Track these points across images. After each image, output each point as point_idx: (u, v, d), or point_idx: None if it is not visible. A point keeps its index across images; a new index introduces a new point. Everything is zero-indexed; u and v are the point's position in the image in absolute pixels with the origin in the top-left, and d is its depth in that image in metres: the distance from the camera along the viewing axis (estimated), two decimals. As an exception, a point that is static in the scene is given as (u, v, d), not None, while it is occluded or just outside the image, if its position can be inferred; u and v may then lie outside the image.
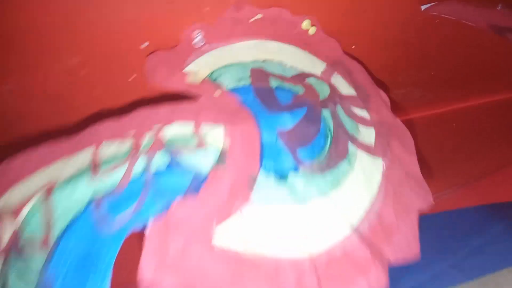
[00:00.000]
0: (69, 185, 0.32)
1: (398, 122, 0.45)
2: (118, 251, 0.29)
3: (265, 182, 0.34)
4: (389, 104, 0.46)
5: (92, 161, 0.34)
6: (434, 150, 0.62)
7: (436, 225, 0.61)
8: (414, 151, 0.42)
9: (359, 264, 0.33)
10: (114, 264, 0.28)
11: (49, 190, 0.32)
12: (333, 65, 0.47)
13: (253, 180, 0.34)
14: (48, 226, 0.30)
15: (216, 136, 0.36)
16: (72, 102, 0.43)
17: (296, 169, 0.36)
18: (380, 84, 0.49)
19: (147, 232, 0.29)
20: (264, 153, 0.36)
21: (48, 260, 0.29)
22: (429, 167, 0.59)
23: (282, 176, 0.35)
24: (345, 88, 0.45)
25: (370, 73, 0.49)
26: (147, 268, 0.28)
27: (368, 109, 0.44)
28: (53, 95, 0.43)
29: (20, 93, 0.43)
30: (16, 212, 0.31)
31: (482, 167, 0.65)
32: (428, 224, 0.60)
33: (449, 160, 0.65)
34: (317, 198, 0.35)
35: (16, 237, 0.30)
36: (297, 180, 0.35)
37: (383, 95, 0.47)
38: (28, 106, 0.44)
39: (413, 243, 0.36)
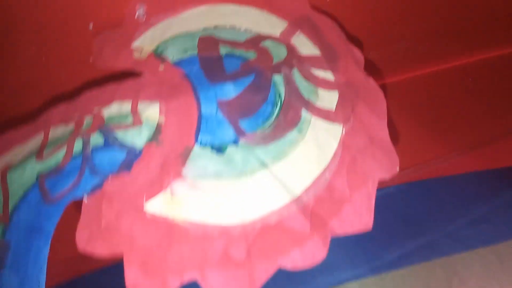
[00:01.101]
0: (20, 167, 0.45)
1: (370, 83, 0.50)
2: (58, 220, 0.41)
3: (200, 156, 0.44)
4: (362, 63, 0.51)
5: (40, 145, 0.47)
6: (432, 111, 0.65)
7: (435, 191, 0.64)
8: (384, 114, 0.48)
9: (295, 235, 0.40)
10: (58, 233, 0.41)
11: (3, 173, 0.45)
12: (296, 23, 0.53)
13: (186, 155, 0.43)
14: (5, 202, 0.44)
15: (152, 113, 0.46)
16: (33, 91, 0.57)
17: (236, 141, 0.45)
18: (357, 42, 0.54)
19: (83, 205, 0.41)
20: (202, 127, 0.45)
21: (5, 230, 0.42)
22: (428, 129, 0.62)
23: (219, 149, 0.44)
24: (308, 49, 0.52)
25: (345, 30, 0.54)
26: (81, 237, 0.40)
27: (333, 70, 0.51)
28: (14, 86, 0.57)
29: None
30: None
31: (490, 130, 0.66)
32: (425, 190, 0.64)
33: (452, 122, 0.67)
34: (256, 170, 0.43)
35: None
36: (235, 152, 0.44)
37: (357, 54, 0.52)
38: None
39: (366, 214, 0.42)
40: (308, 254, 0.39)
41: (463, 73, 0.64)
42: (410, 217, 0.66)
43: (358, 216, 0.41)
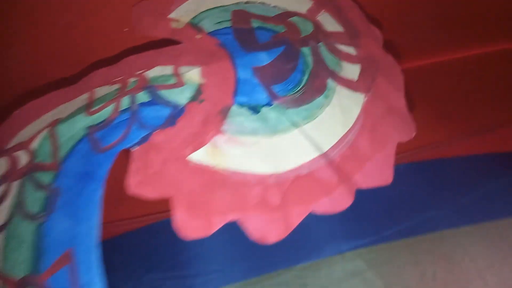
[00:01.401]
0: (69, 120, 0.53)
1: (388, 59, 0.59)
2: (109, 167, 0.48)
3: (237, 115, 0.52)
4: (381, 41, 0.60)
5: (87, 102, 0.54)
6: (442, 97, 0.75)
7: (442, 170, 0.74)
8: (401, 87, 0.57)
9: (324, 185, 0.49)
10: (108, 179, 0.48)
11: (53, 125, 0.53)
12: (321, 3, 0.62)
13: (225, 112, 0.52)
14: (55, 152, 0.51)
15: (193, 75, 0.54)
16: (71, 56, 0.64)
17: (269, 103, 0.53)
18: (376, 24, 0.63)
19: (132, 154, 0.49)
20: (238, 89, 0.53)
21: (55, 177, 0.50)
22: (437, 114, 0.72)
23: (254, 109, 0.53)
24: (332, 26, 0.61)
25: (365, 12, 0.63)
26: (131, 182, 0.48)
27: (355, 46, 0.59)
28: (53, 52, 0.64)
29: (23, 54, 0.65)
30: (28, 143, 0.53)
31: (499, 116, 0.76)
32: (432, 169, 0.74)
33: (460, 109, 0.77)
34: (288, 129, 0.52)
35: (30, 162, 0.52)
36: (269, 112, 0.52)
37: (376, 33, 0.61)
38: (32, 64, 0.66)
39: (387, 171, 0.51)
40: (335, 202, 0.47)
41: (477, 63, 0.74)
42: (417, 193, 0.75)
43: (379, 172, 0.50)
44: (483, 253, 0.68)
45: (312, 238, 0.69)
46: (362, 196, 0.61)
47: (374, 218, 0.70)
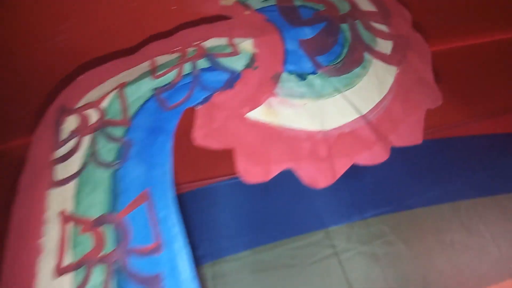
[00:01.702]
0: (136, 83, 0.64)
1: (417, 37, 0.71)
2: (177, 122, 0.59)
3: (287, 81, 0.63)
4: (410, 21, 0.72)
5: (150, 68, 0.65)
6: (466, 78, 0.87)
7: (463, 147, 0.86)
8: (429, 61, 0.68)
9: (364, 141, 0.60)
10: (176, 133, 0.59)
11: (121, 87, 0.64)
12: None
13: (277, 78, 0.63)
14: (124, 110, 0.62)
15: (246, 45, 0.65)
16: (126, 31, 0.75)
17: (314, 72, 0.65)
18: (406, 5, 0.75)
19: (197, 112, 0.60)
20: (287, 59, 0.65)
21: (126, 132, 0.61)
22: (461, 94, 0.84)
23: (302, 76, 0.64)
24: (366, 6, 0.73)
25: None
26: (198, 135, 0.59)
27: (387, 25, 0.71)
28: (110, 26, 0.75)
29: (85, 28, 0.75)
30: (98, 103, 0.64)
31: None
32: (455, 145, 0.85)
33: (483, 89, 0.89)
34: (332, 94, 0.63)
35: (101, 119, 0.62)
36: (315, 79, 0.64)
37: (406, 13, 0.73)
38: (88, 40, 0.77)
39: (417, 132, 0.62)
40: (374, 156, 0.58)
41: (497, 48, 0.86)
42: (437, 167, 0.87)
43: (411, 133, 0.61)
44: (497, 221, 0.79)
45: (340, 204, 0.81)
46: (387, 168, 0.73)
47: (397, 188, 0.82)
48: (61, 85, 0.67)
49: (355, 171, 0.70)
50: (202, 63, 0.61)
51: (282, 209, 0.79)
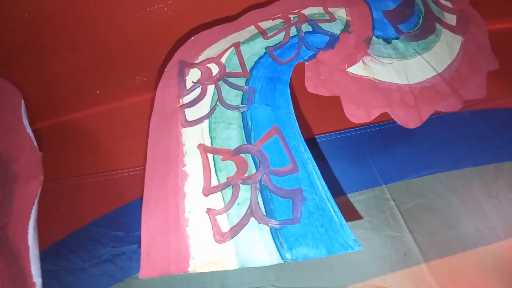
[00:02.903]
0: (249, 43, 0.78)
1: (474, 12, 0.87)
2: (290, 74, 0.74)
3: (376, 43, 0.79)
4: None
5: (258, 31, 0.79)
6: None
7: (503, 118, 1.02)
8: (486, 32, 0.85)
9: (442, 93, 0.76)
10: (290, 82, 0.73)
11: (236, 46, 0.78)
12: None
13: (369, 41, 0.78)
14: (243, 64, 0.76)
15: (341, 13, 0.80)
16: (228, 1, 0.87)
17: (397, 37, 0.80)
18: None
19: (306, 66, 0.75)
20: (374, 25, 0.80)
21: (247, 81, 0.75)
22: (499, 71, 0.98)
23: (387, 40, 0.79)
24: None
25: None
26: (309, 84, 0.74)
27: (451, 1, 0.87)
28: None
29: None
30: (218, 58, 0.77)
31: None
32: (495, 116, 1.01)
33: None
34: (413, 55, 0.79)
35: (221, 72, 0.76)
36: (398, 43, 0.79)
37: None
38: (195, 8, 0.90)
39: (482, 88, 0.78)
40: (450, 105, 0.74)
41: None
42: (482, 134, 1.02)
43: (477, 89, 0.77)
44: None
45: (399, 164, 0.96)
46: (439, 133, 0.89)
47: (448, 150, 0.97)
48: (176, 45, 0.79)
49: (412, 136, 0.87)
50: (305, 27, 0.75)
51: (349, 168, 0.94)
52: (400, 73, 0.72)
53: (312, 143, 0.88)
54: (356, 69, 0.72)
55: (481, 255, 0.82)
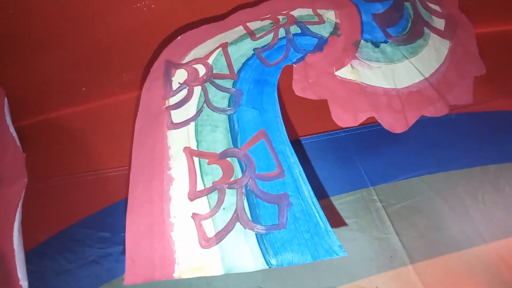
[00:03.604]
0: (237, 44, 0.77)
1: (463, 17, 0.88)
2: (278, 76, 0.73)
3: (364, 47, 0.79)
4: (457, 3, 0.89)
5: (247, 32, 0.79)
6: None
7: (488, 121, 1.02)
8: (474, 37, 0.85)
9: (429, 98, 0.76)
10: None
11: (224, 46, 0.77)
12: None
13: (357, 44, 0.78)
14: (230, 65, 0.76)
15: (330, 16, 0.80)
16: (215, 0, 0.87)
17: (386, 40, 0.80)
18: None
19: (294, 68, 0.74)
20: (363, 29, 0.80)
21: (234, 83, 0.75)
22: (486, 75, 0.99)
23: (375, 44, 0.80)
24: None
25: None
26: (297, 88, 0.74)
27: (440, 5, 0.88)
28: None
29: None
30: (205, 59, 0.77)
31: None
32: (481, 119, 1.02)
33: (506, 72, 1.05)
34: (401, 59, 0.79)
35: (208, 73, 0.76)
36: (386, 47, 0.80)
37: None
38: (182, 7, 0.89)
39: (469, 94, 0.79)
40: (437, 110, 0.75)
41: None
42: (468, 137, 1.03)
43: (464, 95, 0.78)
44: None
45: (387, 166, 0.97)
46: (425, 136, 0.90)
47: (434, 153, 0.98)
48: (162, 43, 0.79)
49: (399, 138, 0.87)
50: (294, 29, 0.75)
51: (336, 169, 0.94)
52: (387, 77, 0.73)
53: (297, 145, 0.88)
54: (344, 73, 0.72)
55: (467, 257, 0.83)
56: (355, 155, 0.90)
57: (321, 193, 0.91)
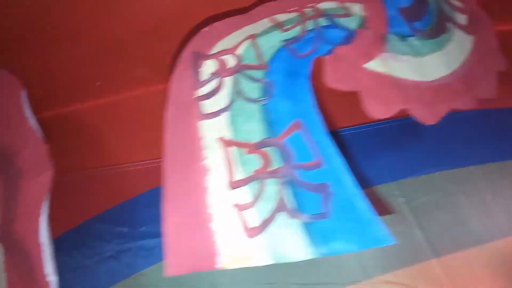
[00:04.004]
0: (265, 35, 0.77)
1: (482, 12, 0.89)
2: (309, 68, 0.73)
3: (392, 40, 0.79)
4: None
5: (274, 24, 0.79)
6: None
7: (507, 117, 1.05)
8: (494, 33, 0.87)
9: (457, 91, 0.77)
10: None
11: (253, 38, 0.77)
12: None
13: (384, 37, 0.79)
14: (260, 56, 0.75)
15: (357, 9, 0.80)
16: None
17: (412, 34, 0.81)
18: None
19: (325, 60, 0.74)
20: (390, 22, 0.81)
21: (265, 74, 0.74)
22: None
23: (403, 37, 0.80)
24: None
25: None
26: (330, 79, 0.73)
27: (461, 1, 0.89)
28: None
29: None
30: (233, 50, 0.76)
31: None
32: (498, 116, 1.04)
33: None
34: (428, 53, 0.80)
35: (238, 64, 0.75)
36: (413, 40, 0.80)
37: None
38: None
39: (492, 89, 0.80)
40: (465, 103, 0.76)
41: None
42: (487, 132, 1.05)
43: (488, 88, 0.79)
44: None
45: (411, 159, 0.97)
46: (446, 131, 0.90)
47: (454, 149, 0.99)
48: (184, 38, 0.78)
49: (420, 134, 0.88)
50: (322, 21, 0.75)
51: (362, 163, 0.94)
52: (416, 70, 0.74)
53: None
54: (374, 65, 0.72)
55: (489, 250, 0.84)
56: (377, 150, 0.90)
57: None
